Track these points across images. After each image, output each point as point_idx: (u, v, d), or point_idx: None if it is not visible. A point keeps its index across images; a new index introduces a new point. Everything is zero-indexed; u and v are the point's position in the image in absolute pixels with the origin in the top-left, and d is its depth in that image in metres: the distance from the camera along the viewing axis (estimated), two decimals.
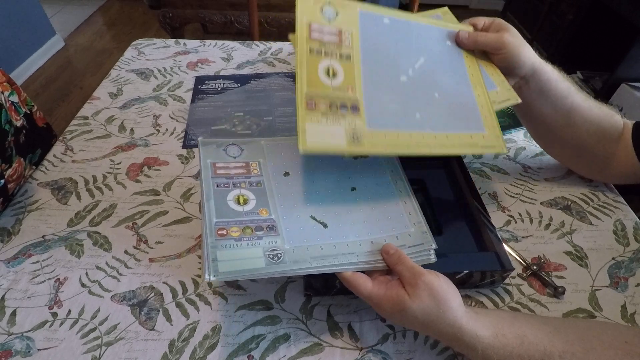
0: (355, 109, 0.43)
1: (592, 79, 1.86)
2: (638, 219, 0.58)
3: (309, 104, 0.41)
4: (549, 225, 0.57)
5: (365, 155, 0.51)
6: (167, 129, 0.72)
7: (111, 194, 0.60)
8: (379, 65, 0.47)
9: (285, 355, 0.43)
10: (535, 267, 0.50)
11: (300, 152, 0.39)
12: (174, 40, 0.99)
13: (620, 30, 1.74)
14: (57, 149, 0.67)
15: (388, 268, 0.41)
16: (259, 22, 1.80)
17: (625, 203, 0.61)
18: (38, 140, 0.66)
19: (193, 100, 0.79)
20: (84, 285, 0.48)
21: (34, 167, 0.64)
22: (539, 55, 0.53)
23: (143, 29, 2.80)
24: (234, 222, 0.41)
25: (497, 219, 0.57)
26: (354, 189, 0.48)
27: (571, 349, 0.35)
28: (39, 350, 0.42)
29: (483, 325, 0.37)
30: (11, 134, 0.58)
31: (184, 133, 0.71)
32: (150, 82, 0.84)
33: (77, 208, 0.57)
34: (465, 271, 0.45)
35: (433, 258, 0.42)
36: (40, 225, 0.55)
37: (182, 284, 0.49)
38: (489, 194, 0.61)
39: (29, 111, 0.65)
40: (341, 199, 0.47)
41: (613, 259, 0.53)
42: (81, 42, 2.62)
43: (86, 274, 0.49)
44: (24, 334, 0.44)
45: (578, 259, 0.53)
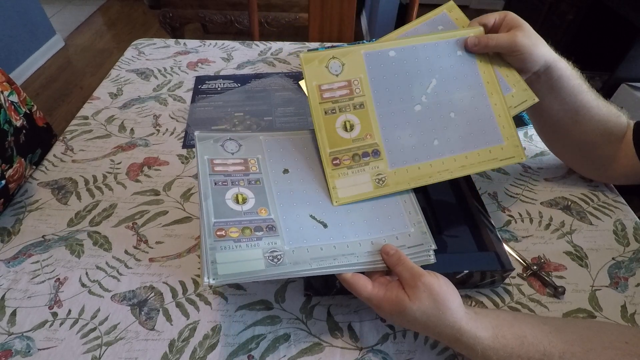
0: (377, 153, 0.48)
1: (592, 79, 1.85)
2: (638, 219, 0.58)
3: (334, 162, 0.47)
4: (549, 225, 0.57)
5: None
6: (167, 129, 0.72)
7: (111, 193, 0.60)
8: (392, 102, 0.49)
9: (285, 355, 0.43)
10: (535, 267, 0.50)
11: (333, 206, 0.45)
12: (174, 40, 0.99)
13: (620, 30, 1.73)
14: (57, 149, 0.67)
15: (388, 269, 0.41)
16: (259, 22, 1.80)
17: (625, 203, 0.61)
18: (38, 140, 0.66)
19: (193, 100, 0.79)
20: (84, 285, 0.48)
21: (34, 167, 0.64)
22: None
23: (143, 29, 2.80)
24: (232, 223, 0.41)
25: (497, 219, 0.57)
26: None
27: (571, 349, 0.35)
28: (39, 350, 0.42)
29: (483, 326, 0.37)
30: (11, 134, 0.58)
31: (184, 133, 0.71)
32: (150, 82, 0.84)
33: (77, 208, 0.57)
34: (465, 271, 0.45)
35: (433, 259, 0.42)
36: (40, 225, 0.55)
37: (182, 284, 0.49)
38: (489, 194, 0.61)
39: (28, 111, 0.65)
40: None
41: (613, 259, 0.53)
42: (81, 42, 2.62)
43: (86, 273, 0.49)
44: (24, 334, 0.44)
45: (578, 259, 0.53)
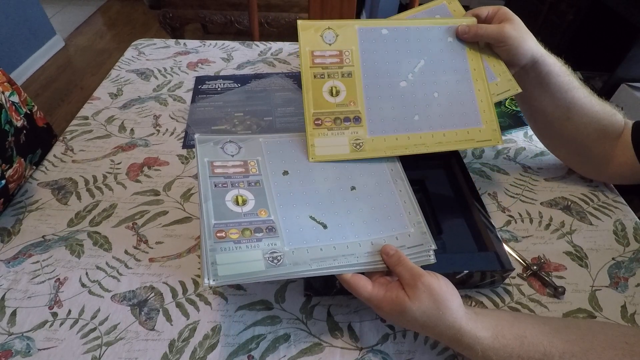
0: (358, 119, 0.50)
1: (592, 79, 1.86)
2: (638, 219, 0.58)
3: (316, 122, 0.49)
4: (549, 226, 0.57)
5: None
6: (167, 129, 0.72)
7: (111, 194, 0.60)
8: (379, 75, 0.51)
9: (285, 355, 0.43)
10: (535, 267, 0.50)
11: (309, 161, 0.48)
12: (174, 40, 0.99)
13: (620, 30, 1.73)
14: (57, 149, 0.67)
15: (388, 269, 0.41)
16: (259, 22, 1.80)
17: (625, 203, 0.61)
18: (38, 140, 0.66)
19: (193, 101, 0.79)
20: (84, 285, 0.48)
21: (34, 167, 0.64)
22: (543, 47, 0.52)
23: (143, 29, 2.80)
24: (232, 224, 0.41)
25: (497, 219, 0.57)
26: (353, 188, 0.48)
27: (571, 349, 0.35)
28: (39, 350, 0.42)
29: (483, 326, 0.37)
30: (11, 134, 0.58)
31: (184, 133, 0.71)
32: (150, 82, 0.84)
33: (77, 208, 0.57)
34: (465, 271, 0.45)
35: (432, 259, 0.42)
36: (40, 225, 0.55)
37: (182, 284, 0.49)
38: (489, 194, 0.61)
39: (29, 111, 0.66)
40: (341, 198, 0.46)
41: (613, 259, 0.53)
42: (81, 42, 2.62)
43: (86, 274, 0.49)
44: (24, 334, 0.44)
45: (578, 259, 0.53)
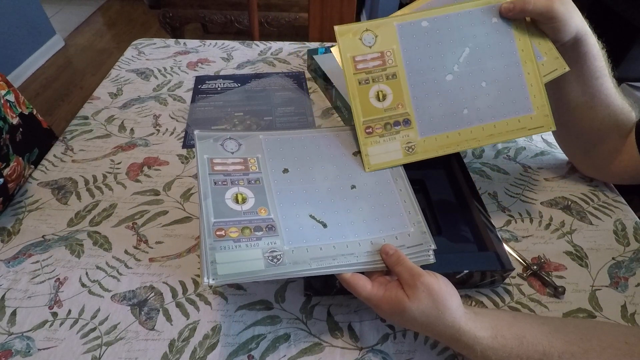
0: (407, 122, 0.49)
1: None
2: (638, 219, 0.58)
3: (367, 131, 0.49)
4: (549, 225, 0.57)
5: None
6: (167, 129, 0.72)
7: (111, 193, 0.60)
8: (423, 72, 0.49)
9: (285, 355, 0.43)
10: (535, 267, 0.50)
11: (365, 171, 0.48)
12: (174, 40, 0.99)
13: (620, 30, 1.73)
14: (57, 148, 0.67)
15: (387, 269, 0.41)
16: (259, 22, 1.80)
17: (625, 203, 0.61)
18: (36, 139, 0.66)
19: (193, 100, 0.79)
20: (84, 285, 0.48)
21: (33, 167, 0.64)
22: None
23: (143, 28, 2.80)
24: (232, 222, 0.41)
25: (497, 219, 0.57)
26: (353, 187, 0.48)
27: (570, 349, 0.35)
28: (39, 350, 0.42)
29: (482, 326, 0.37)
30: (5, 131, 0.58)
31: (184, 133, 0.71)
32: (150, 82, 0.84)
33: (77, 208, 0.57)
34: (465, 271, 0.45)
35: (432, 259, 0.42)
36: (40, 225, 0.55)
37: (182, 284, 0.49)
38: (489, 194, 0.61)
39: (27, 112, 0.66)
40: (341, 197, 0.46)
41: (613, 258, 0.53)
42: (81, 42, 2.62)
43: (86, 273, 0.49)
44: (24, 334, 0.44)
45: (578, 259, 0.53)
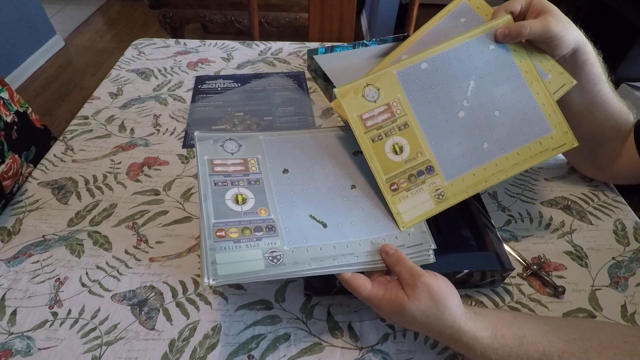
0: (430, 169, 0.47)
1: None
2: (638, 219, 0.58)
3: (392, 188, 0.46)
4: (549, 225, 0.57)
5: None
6: (167, 129, 0.72)
7: (111, 193, 0.60)
8: (435, 115, 0.48)
9: (285, 355, 0.43)
10: (535, 267, 0.50)
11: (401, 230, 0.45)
12: (174, 40, 0.99)
13: (620, 30, 1.73)
14: (57, 148, 0.67)
15: (387, 268, 0.41)
16: (259, 22, 1.80)
17: (625, 203, 0.61)
18: (33, 138, 0.66)
19: (193, 100, 0.79)
20: (84, 284, 0.48)
21: (32, 166, 0.64)
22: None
23: (143, 29, 2.80)
24: (232, 223, 0.41)
25: (497, 219, 0.57)
26: (353, 186, 0.48)
27: (570, 349, 0.35)
28: (39, 349, 0.42)
29: (482, 326, 0.37)
30: (0, 128, 0.58)
31: (184, 133, 0.71)
32: (150, 82, 0.84)
33: (78, 208, 0.57)
34: (465, 271, 0.45)
35: (432, 258, 0.42)
36: (40, 225, 0.55)
37: (182, 284, 0.49)
38: (489, 194, 0.61)
39: (23, 111, 0.66)
40: (341, 197, 0.46)
41: (613, 258, 0.53)
42: (81, 42, 2.62)
43: (86, 273, 0.49)
44: (24, 334, 0.44)
45: (578, 259, 0.53)
